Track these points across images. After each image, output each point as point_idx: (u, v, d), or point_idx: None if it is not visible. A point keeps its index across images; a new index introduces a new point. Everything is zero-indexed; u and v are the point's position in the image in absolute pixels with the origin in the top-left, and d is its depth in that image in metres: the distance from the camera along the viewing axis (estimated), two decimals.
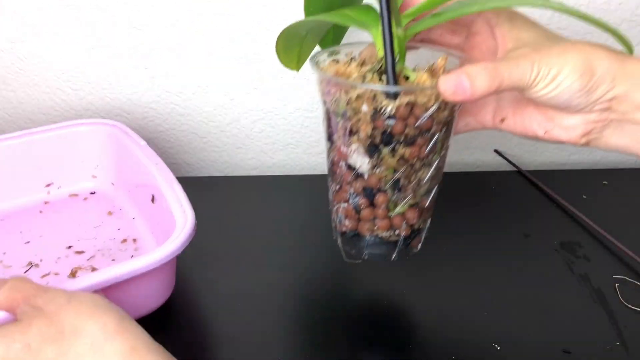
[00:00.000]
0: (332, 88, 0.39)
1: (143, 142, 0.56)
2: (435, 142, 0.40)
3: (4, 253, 0.52)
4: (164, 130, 0.69)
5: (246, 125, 0.69)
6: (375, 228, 0.42)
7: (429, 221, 0.45)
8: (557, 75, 0.37)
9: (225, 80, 0.66)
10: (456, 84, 0.36)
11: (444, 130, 0.40)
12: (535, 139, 0.41)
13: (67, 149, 0.59)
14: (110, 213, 0.57)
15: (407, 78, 0.40)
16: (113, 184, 0.60)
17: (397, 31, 0.39)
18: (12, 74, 0.65)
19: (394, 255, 0.44)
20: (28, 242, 0.53)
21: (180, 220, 0.45)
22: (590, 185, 0.66)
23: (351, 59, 0.43)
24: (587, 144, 0.40)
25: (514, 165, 0.70)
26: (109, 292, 0.41)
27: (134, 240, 0.54)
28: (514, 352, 0.45)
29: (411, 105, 0.38)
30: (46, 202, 0.59)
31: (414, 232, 0.44)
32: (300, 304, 0.49)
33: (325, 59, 0.43)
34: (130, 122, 0.68)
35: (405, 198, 0.41)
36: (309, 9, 0.44)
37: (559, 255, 0.55)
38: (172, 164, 0.72)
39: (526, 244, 0.57)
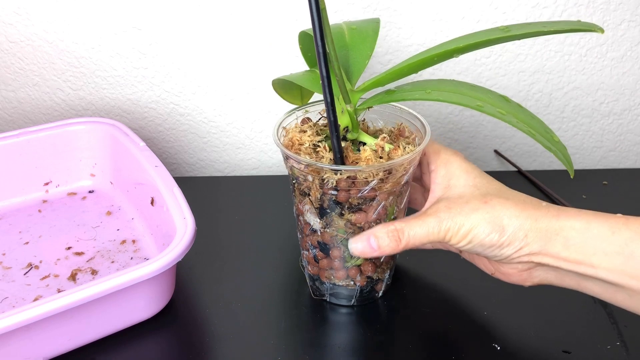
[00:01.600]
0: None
1: (142, 143, 0.55)
2: (384, 208, 0.42)
3: (4, 254, 0.52)
4: (163, 130, 0.69)
5: (246, 125, 0.69)
6: (332, 277, 0.46)
7: (389, 272, 0.48)
8: (467, 233, 0.39)
9: (225, 80, 0.66)
10: (364, 245, 0.41)
11: (391, 198, 0.42)
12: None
13: (65, 148, 0.59)
14: (109, 213, 0.57)
15: (364, 144, 0.43)
16: (112, 183, 0.60)
17: (347, 107, 0.42)
18: (12, 74, 0.65)
19: (352, 301, 0.48)
20: (27, 242, 0.53)
21: (180, 226, 0.45)
22: (590, 185, 0.66)
23: (320, 118, 0.47)
24: (532, 284, 0.42)
25: (514, 165, 0.70)
26: (109, 298, 0.41)
27: (133, 241, 0.54)
28: (514, 352, 0.45)
29: (352, 179, 0.40)
30: (44, 201, 0.59)
31: (372, 282, 0.47)
32: (301, 304, 0.49)
33: (298, 116, 0.47)
34: (130, 122, 0.68)
35: None
36: (306, 55, 0.47)
37: None
38: (172, 164, 0.71)
39: None
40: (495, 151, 0.73)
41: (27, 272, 0.50)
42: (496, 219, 0.39)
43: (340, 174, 0.40)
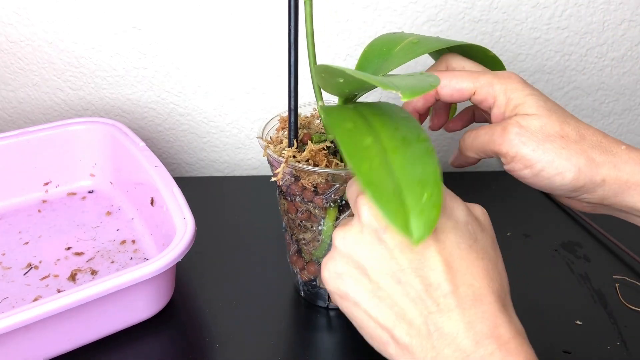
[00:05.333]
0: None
1: (142, 144, 0.55)
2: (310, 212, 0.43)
3: (3, 254, 0.52)
4: (163, 130, 0.69)
5: (246, 125, 0.69)
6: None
7: None
8: (534, 163, 0.37)
9: (225, 80, 0.66)
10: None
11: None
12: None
13: (65, 148, 0.59)
14: (109, 213, 0.57)
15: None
16: (111, 183, 0.60)
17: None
18: (12, 74, 0.65)
19: (327, 302, 0.48)
20: (27, 242, 0.53)
21: (180, 226, 0.45)
22: None
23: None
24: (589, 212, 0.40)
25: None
26: (109, 298, 0.41)
27: (133, 241, 0.54)
28: None
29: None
30: (44, 201, 0.59)
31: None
32: (301, 304, 0.49)
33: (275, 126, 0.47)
34: (130, 122, 0.68)
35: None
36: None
37: (559, 255, 0.55)
38: (171, 164, 0.71)
39: (526, 244, 0.56)
40: None
41: (26, 272, 0.50)
42: (573, 157, 0.36)
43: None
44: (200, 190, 0.63)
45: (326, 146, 0.41)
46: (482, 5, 0.63)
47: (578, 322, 0.47)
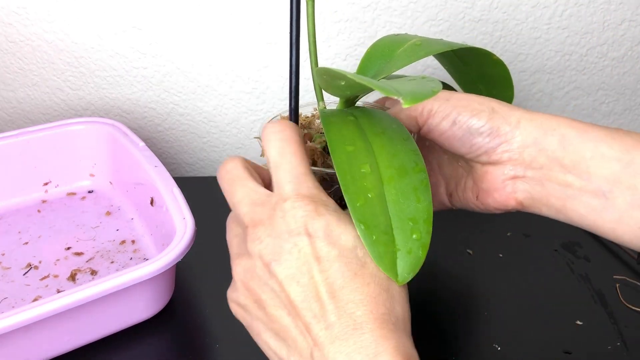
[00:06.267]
0: None
1: (142, 144, 0.55)
2: None
3: (3, 254, 0.52)
4: (163, 130, 0.69)
5: (246, 125, 0.69)
6: None
7: None
8: (450, 111, 0.36)
9: (225, 80, 0.66)
10: None
11: None
12: (478, 210, 0.41)
13: (64, 148, 0.59)
14: (108, 213, 0.57)
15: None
16: (111, 183, 0.60)
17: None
18: (12, 74, 0.65)
19: None
20: (27, 242, 0.53)
21: (180, 226, 0.45)
22: None
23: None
24: (522, 207, 0.38)
25: None
26: (109, 298, 0.41)
27: (133, 241, 0.54)
28: (514, 352, 0.45)
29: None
30: (44, 201, 0.59)
31: None
32: None
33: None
34: (130, 122, 0.68)
35: None
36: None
37: (559, 255, 0.55)
38: (171, 164, 0.71)
39: (526, 244, 0.56)
40: None
41: (26, 273, 0.50)
42: (485, 102, 0.36)
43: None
44: (200, 190, 0.63)
45: (324, 145, 0.42)
46: (482, 5, 0.63)
47: (578, 322, 0.47)
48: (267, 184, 0.35)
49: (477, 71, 0.43)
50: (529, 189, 0.37)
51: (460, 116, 0.36)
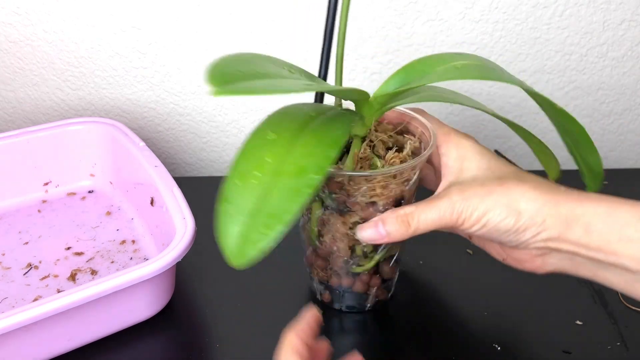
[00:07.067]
0: None
1: (142, 143, 0.55)
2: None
3: (3, 254, 0.52)
4: (163, 130, 0.69)
5: (246, 125, 0.69)
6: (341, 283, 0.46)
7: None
8: (481, 217, 0.37)
9: None
10: (372, 231, 0.39)
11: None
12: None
13: (64, 148, 0.59)
14: (108, 213, 0.57)
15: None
16: (111, 183, 0.60)
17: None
18: (12, 73, 0.65)
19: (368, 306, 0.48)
20: (27, 242, 0.53)
21: (180, 226, 0.45)
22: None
23: None
24: (545, 272, 0.40)
25: (514, 165, 0.70)
26: (109, 298, 0.41)
27: (133, 241, 0.54)
28: (514, 352, 0.45)
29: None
30: (44, 201, 0.59)
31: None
32: (301, 305, 0.49)
33: None
34: (130, 122, 0.68)
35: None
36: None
37: None
38: (171, 164, 0.71)
39: None
40: (496, 151, 0.73)
41: (26, 273, 0.50)
42: (512, 203, 0.37)
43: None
44: (200, 190, 0.63)
45: None
46: (482, 5, 0.63)
47: (578, 322, 0.47)
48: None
49: (557, 122, 0.42)
50: (558, 262, 0.39)
51: (488, 221, 0.37)
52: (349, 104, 0.42)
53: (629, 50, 0.67)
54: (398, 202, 0.41)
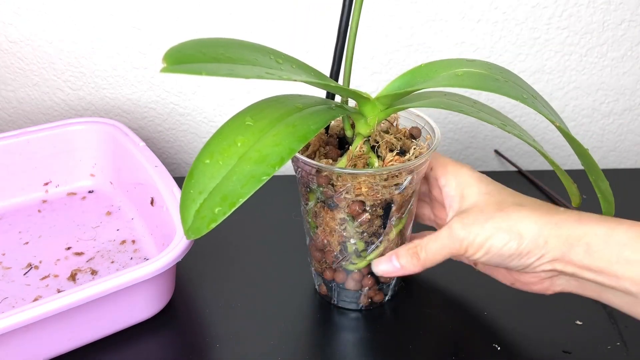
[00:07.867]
0: None
1: (142, 143, 0.55)
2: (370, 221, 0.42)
3: (3, 254, 0.52)
4: (163, 130, 0.69)
5: None
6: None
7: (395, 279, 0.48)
8: (483, 243, 0.38)
9: (225, 80, 0.66)
10: (388, 266, 0.41)
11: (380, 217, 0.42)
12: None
13: (65, 148, 0.59)
14: (109, 213, 0.57)
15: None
16: (111, 183, 0.60)
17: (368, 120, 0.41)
18: (12, 74, 0.65)
19: (359, 306, 0.48)
20: (27, 242, 0.53)
21: (180, 226, 0.45)
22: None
23: None
24: (554, 292, 0.41)
25: (514, 165, 0.70)
26: (109, 298, 0.41)
27: (133, 241, 0.54)
28: (514, 352, 0.45)
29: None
30: (44, 201, 0.59)
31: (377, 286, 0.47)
32: (301, 305, 0.49)
33: None
34: (130, 122, 0.68)
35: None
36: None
37: None
38: (171, 164, 0.71)
39: None
40: (496, 151, 0.73)
41: (26, 272, 0.50)
42: (513, 227, 0.37)
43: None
44: None
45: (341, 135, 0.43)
46: (482, 5, 0.63)
47: (578, 322, 0.47)
48: None
49: (579, 154, 0.41)
50: (565, 283, 0.40)
51: (492, 246, 0.38)
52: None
53: (628, 51, 0.67)
54: (387, 206, 0.41)
